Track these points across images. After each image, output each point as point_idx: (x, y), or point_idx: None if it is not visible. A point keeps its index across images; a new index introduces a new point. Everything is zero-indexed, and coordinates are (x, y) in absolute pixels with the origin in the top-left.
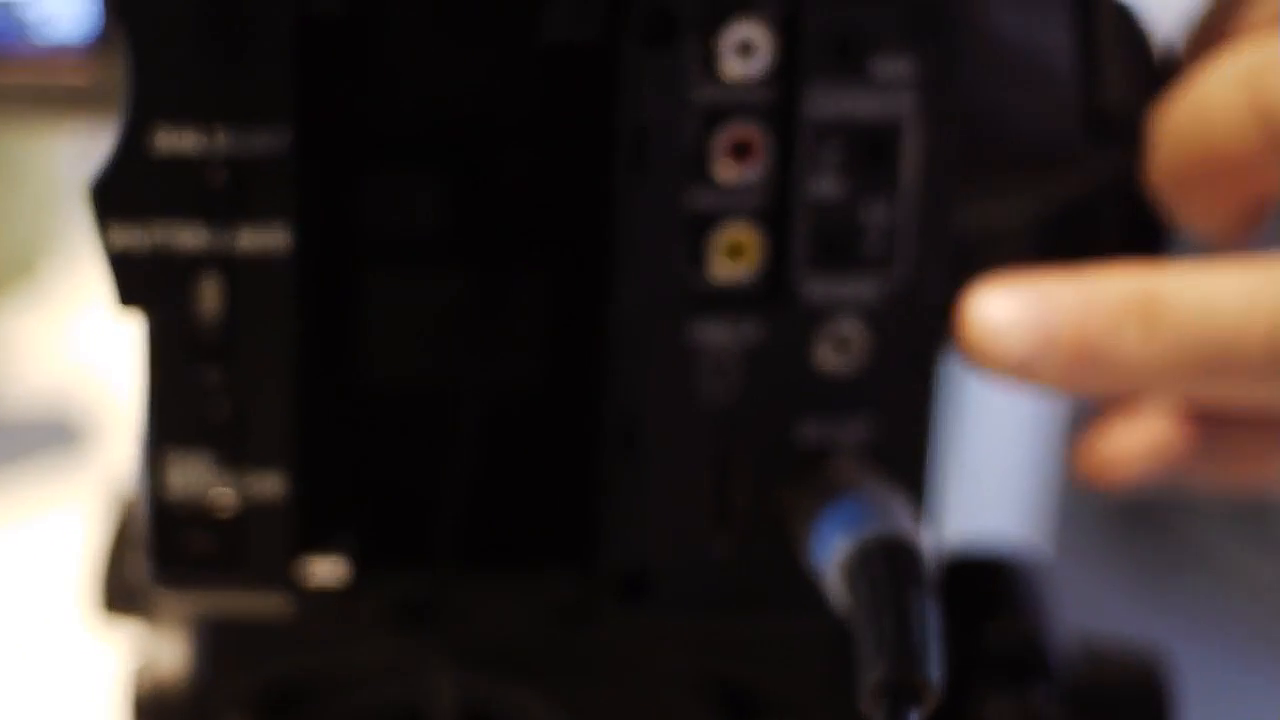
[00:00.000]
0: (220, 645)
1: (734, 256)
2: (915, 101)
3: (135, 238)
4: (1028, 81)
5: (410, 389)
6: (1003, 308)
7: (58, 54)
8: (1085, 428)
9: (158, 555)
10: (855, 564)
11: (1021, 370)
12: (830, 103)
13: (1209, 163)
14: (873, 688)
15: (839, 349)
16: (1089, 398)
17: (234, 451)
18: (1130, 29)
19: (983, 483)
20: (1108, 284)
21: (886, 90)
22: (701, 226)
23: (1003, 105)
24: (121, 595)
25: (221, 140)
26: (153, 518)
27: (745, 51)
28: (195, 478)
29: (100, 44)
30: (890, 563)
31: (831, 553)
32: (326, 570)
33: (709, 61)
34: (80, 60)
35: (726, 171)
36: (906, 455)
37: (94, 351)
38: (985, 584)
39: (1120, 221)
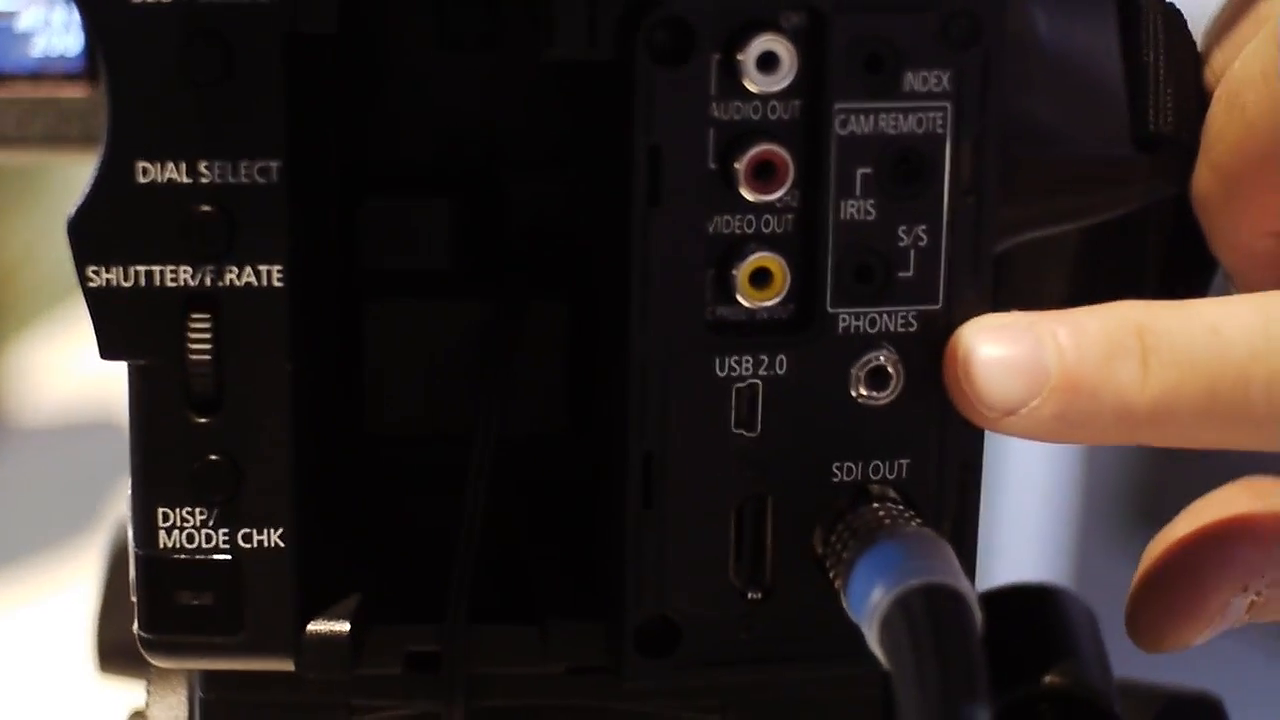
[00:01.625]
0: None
1: (760, 285)
2: (953, 118)
3: (118, 279)
4: (1074, 94)
5: (418, 434)
6: (992, 347)
7: (53, 68)
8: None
9: (148, 616)
10: (894, 615)
11: (1014, 414)
12: (860, 120)
13: (1252, 165)
14: None
15: (874, 382)
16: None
17: (230, 505)
18: (1178, 37)
19: (1004, 490)
20: (1103, 318)
21: (921, 106)
22: (725, 253)
23: (1048, 120)
24: (117, 654)
25: (207, 173)
26: (142, 577)
27: (768, 65)
28: (188, 534)
29: (94, 59)
30: (935, 616)
31: (869, 602)
32: (330, 630)
33: (729, 77)
34: (75, 75)
35: (751, 194)
36: (946, 494)
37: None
38: (1036, 619)
39: (1165, 241)
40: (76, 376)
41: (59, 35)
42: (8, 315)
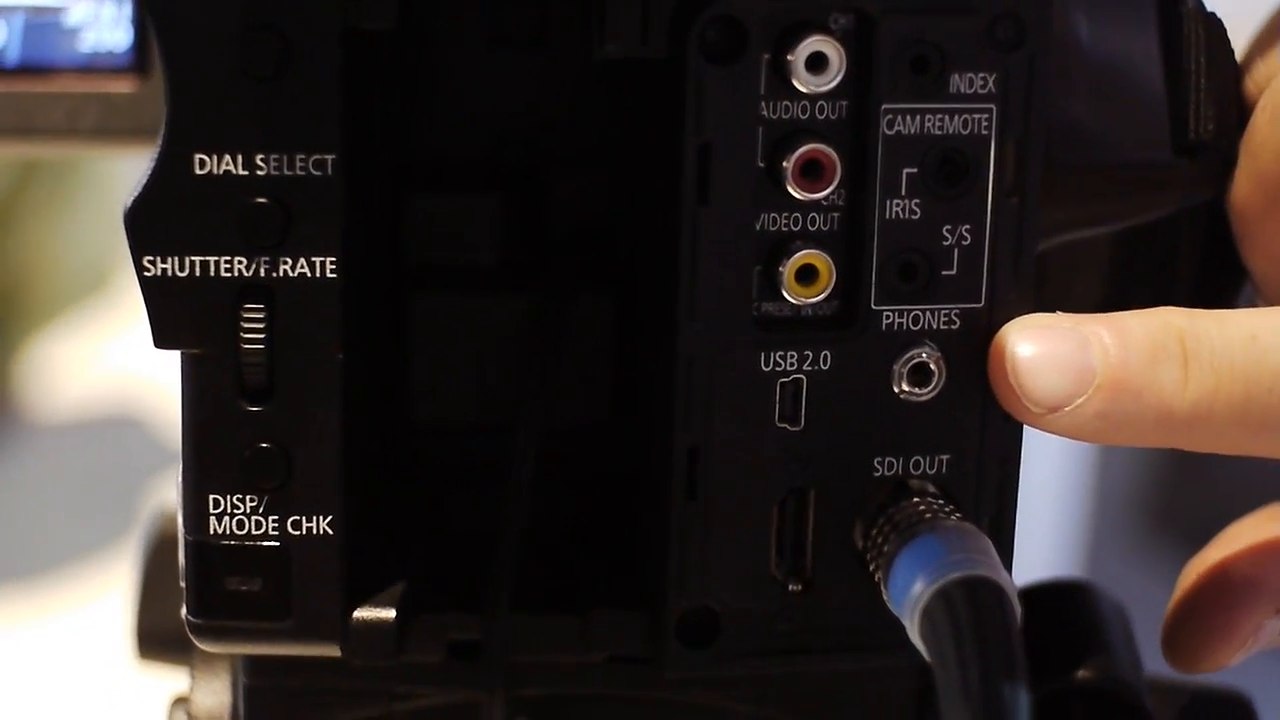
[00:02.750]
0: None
1: (806, 282)
2: (998, 119)
3: (174, 269)
4: (1115, 99)
5: (463, 426)
6: (1039, 346)
7: (100, 62)
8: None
9: (197, 601)
10: (935, 606)
11: (1058, 411)
12: (907, 120)
13: None
14: None
15: (916, 379)
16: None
17: (280, 493)
18: (1219, 46)
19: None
20: (1147, 322)
21: (966, 107)
22: (772, 250)
23: (1089, 123)
24: (156, 641)
25: (263, 165)
26: (192, 562)
27: (817, 66)
28: (239, 520)
29: (142, 53)
30: (977, 607)
31: (911, 594)
32: (375, 617)
33: (779, 77)
34: (123, 69)
35: (798, 192)
36: (985, 489)
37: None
38: (1068, 614)
39: (1197, 248)
40: (98, 373)
41: (108, 29)
42: (31, 312)
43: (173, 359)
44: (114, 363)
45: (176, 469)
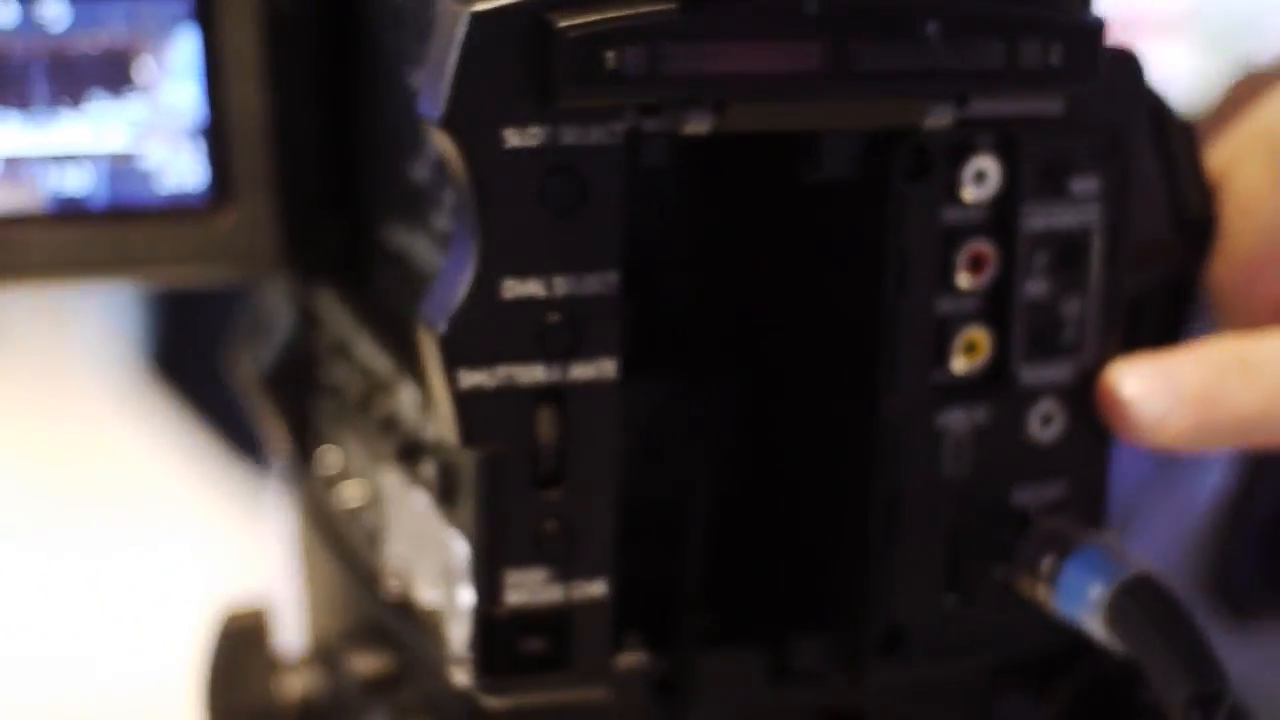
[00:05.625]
0: None
1: (969, 353)
2: (1101, 212)
3: (483, 380)
4: (1137, 192)
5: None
6: (1138, 380)
7: (172, 206)
8: None
9: (492, 661)
10: (1122, 601)
11: (1160, 427)
12: (1040, 217)
13: (1264, 260)
14: (1184, 702)
15: (1044, 424)
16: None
17: (565, 563)
18: (1183, 130)
19: None
20: (1213, 351)
21: (1081, 204)
22: (946, 330)
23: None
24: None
25: (560, 286)
26: (487, 627)
27: (979, 180)
28: (530, 591)
29: (212, 197)
30: (1160, 597)
31: (1088, 597)
32: (634, 660)
33: (951, 190)
34: (199, 205)
35: (965, 282)
36: (1092, 506)
37: None
38: None
39: (1168, 304)
40: None
41: (184, 171)
42: None
43: None
44: None
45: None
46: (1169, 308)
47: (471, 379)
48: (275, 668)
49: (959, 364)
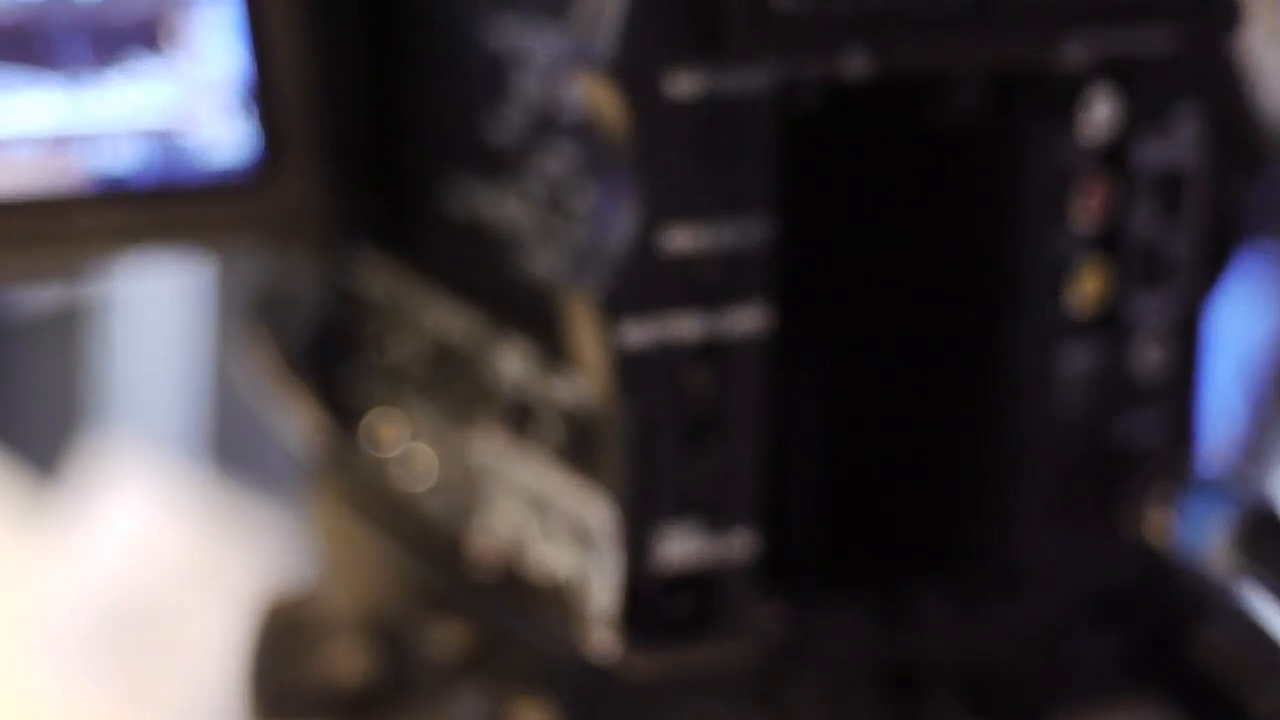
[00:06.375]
0: None
1: (1084, 291)
2: (1200, 149)
3: (644, 333)
4: None
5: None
6: None
7: (220, 181)
8: None
9: (640, 624)
10: (1250, 532)
11: None
12: (1149, 155)
13: None
14: None
15: (1148, 360)
16: None
17: (715, 518)
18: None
19: None
20: None
21: (1183, 142)
22: (1064, 267)
23: None
24: (277, 702)
25: (716, 235)
26: (635, 589)
27: (1096, 119)
28: (682, 547)
29: (261, 168)
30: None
31: (1210, 529)
32: (771, 613)
33: (1070, 129)
34: (243, 186)
35: (1082, 220)
36: (1189, 438)
37: None
38: None
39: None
40: None
41: (233, 140)
42: None
43: None
44: None
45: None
46: (1227, 231)
47: (632, 335)
48: (329, 650)
49: (1076, 301)
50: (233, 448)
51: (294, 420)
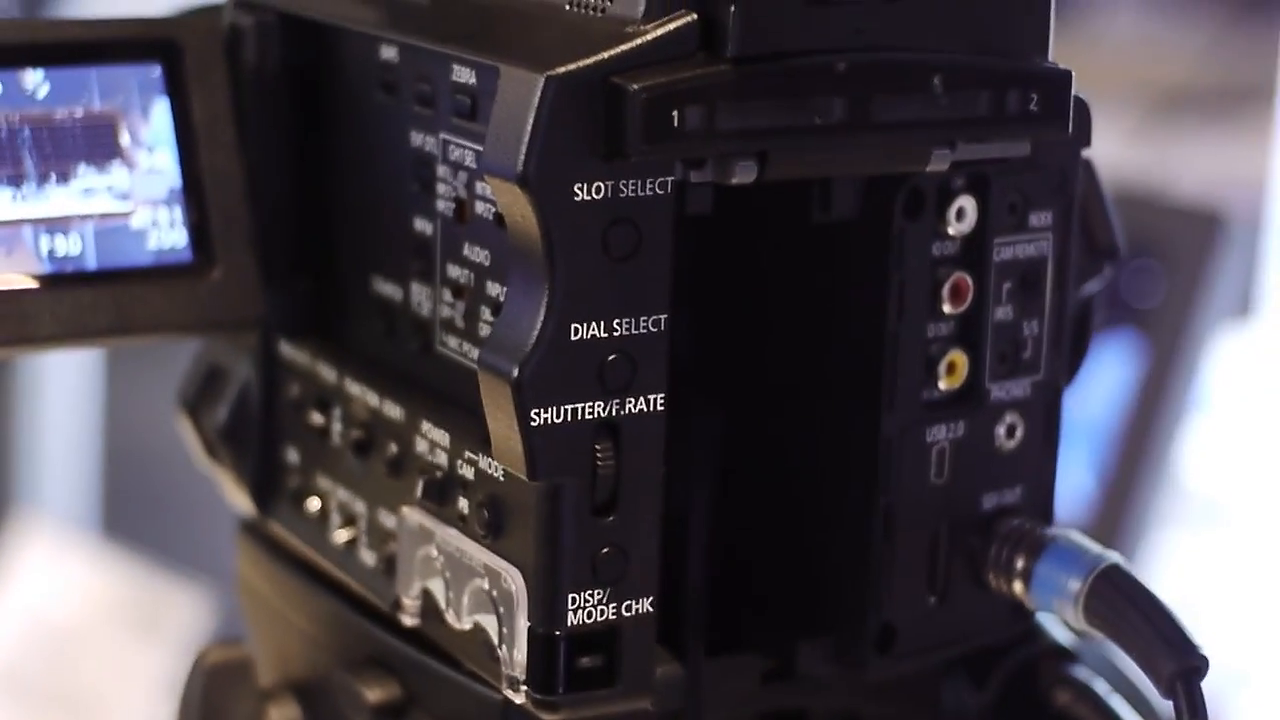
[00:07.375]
0: None
1: (950, 373)
2: (1054, 242)
3: (550, 417)
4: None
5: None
6: None
7: (162, 264)
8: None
9: (550, 679)
10: (1101, 588)
11: None
12: (1007, 249)
13: None
14: (1169, 677)
15: (1008, 435)
16: None
17: (618, 584)
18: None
19: None
20: None
21: (1038, 236)
22: (934, 353)
23: None
24: None
25: (619, 327)
26: (545, 648)
27: (960, 216)
28: (587, 610)
29: (196, 256)
30: (1133, 582)
31: (1066, 588)
32: (670, 672)
33: (937, 227)
34: (184, 266)
35: (948, 309)
36: (1046, 507)
37: None
38: None
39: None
40: None
41: (167, 231)
42: None
43: None
44: None
45: None
46: (1083, 321)
47: (541, 417)
48: (261, 701)
49: (943, 383)
50: (152, 516)
51: (222, 488)
